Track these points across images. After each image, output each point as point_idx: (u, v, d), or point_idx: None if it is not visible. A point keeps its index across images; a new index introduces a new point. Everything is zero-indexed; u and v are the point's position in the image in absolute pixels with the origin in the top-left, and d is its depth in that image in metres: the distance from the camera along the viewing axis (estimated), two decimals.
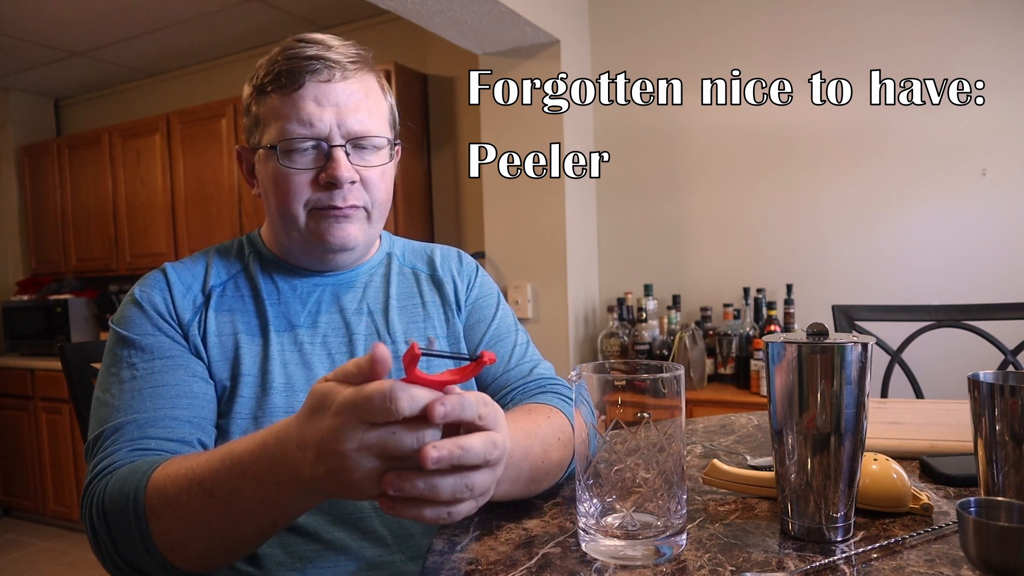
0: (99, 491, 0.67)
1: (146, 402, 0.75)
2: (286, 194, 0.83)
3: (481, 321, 0.98)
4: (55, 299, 3.67)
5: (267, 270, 0.90)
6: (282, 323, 0.87)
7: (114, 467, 0.69)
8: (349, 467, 0.50)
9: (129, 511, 0.63)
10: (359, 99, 0.84)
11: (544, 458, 0.75)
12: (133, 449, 0.72)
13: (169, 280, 0.85)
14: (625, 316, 2.57)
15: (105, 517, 0.65)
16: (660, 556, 0.61)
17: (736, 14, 2.49)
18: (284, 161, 0.82)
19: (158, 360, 0.79)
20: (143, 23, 3.22)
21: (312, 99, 0.81)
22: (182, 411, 0.76)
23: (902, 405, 1.15)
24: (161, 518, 0.62)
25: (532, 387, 0.92)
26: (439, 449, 0.49)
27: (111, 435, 0.73)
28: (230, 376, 0.82)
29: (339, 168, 0.81)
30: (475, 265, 1.05)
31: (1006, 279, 2.15)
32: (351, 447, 0.49)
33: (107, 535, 0.66)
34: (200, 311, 0.84)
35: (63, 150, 3.88)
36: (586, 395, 0.63)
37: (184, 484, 0.61)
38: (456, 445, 0.50)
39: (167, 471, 0.64)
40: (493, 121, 2.64)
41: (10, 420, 3.62)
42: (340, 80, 0.83)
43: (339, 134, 0.82)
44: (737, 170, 2.52)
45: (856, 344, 0.62)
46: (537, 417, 0.80)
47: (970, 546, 0.54)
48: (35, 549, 3.27)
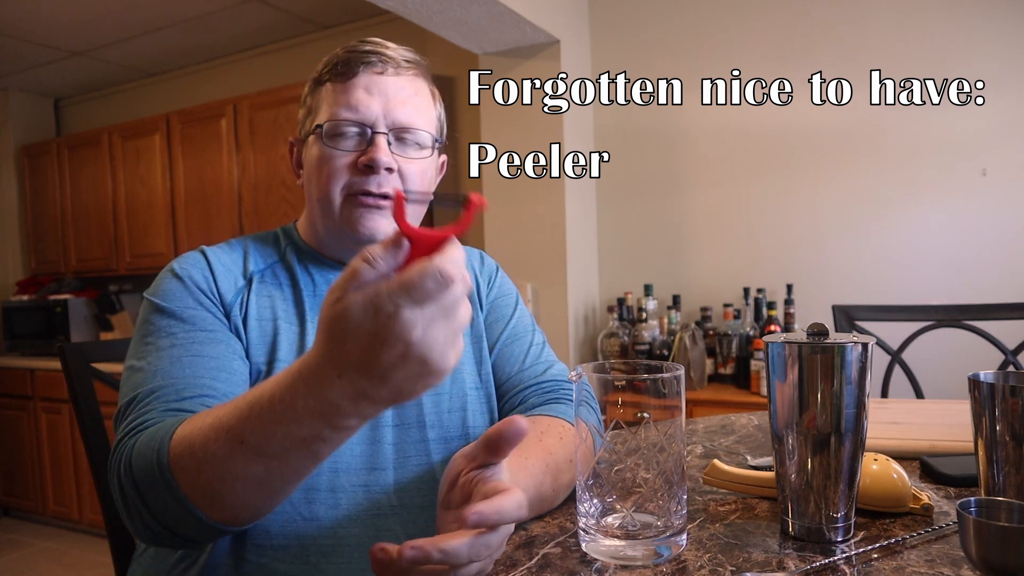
0: (127, 449, 0.65)
1: (185, 369, 0.73)
2: (325, 176, 0.84)
3: (499, 320, 0.98)
4: (55, 299, 3.67)
5: (303, 261, 0.91)
6: (317, 313, 0.86)
7: (146, 425, 0.67)
8: (426, 348, 0.47)
9: (155, 465, 0.61)
10: (409, 94, 0.86)
11: (555, 486, 0.76)
12: (167, 410, 0.69)
13: (210, 261, 0.85)
14: (625, 316, 2.57)
15: (132, 476, 0.63)
16: (660, 556, 0.61)
17: (736, 14, 2.49)
18: (328, 142, 0.84)
19: (200, 332, 0.78)
20: (143, 23, 3.22)
21: (363, 87, 0.84)
22: (221, 384, 0.74)
23: (902, 405, 1.15)
24: (190, 470, 0.59)
25: (546, 388, 0.93)
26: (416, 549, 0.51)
27: (146, 398, 0.71)
28: (267, 361, 0.81)
29: (378, 151, 0.82)
30: (496, 265, 1.06)
31: (1006, 279, 2.15)
32: (418, 333, 0.47)
33: (136, 495, 0.63)
34: (242, 293, 0.84)
35: (63, 150, 3.88)
36: (586, 395, 0.63)
37: (211, 433, 0.58)
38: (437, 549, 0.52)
39: (193, 423, 0.61)
40: (493, 121, 2.64)
41: (10, 420, 3.62)
42: (393, 74, 0.86)
43: (384, 122, 0.84)
44: (737, 170, 2.52)
45: (856, 344, 0.62)
46: (549, 442, 0.79)
47: (970, 546, 0.54)
48: (35, 549, 3.27)
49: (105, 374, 1.13)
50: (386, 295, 0.46)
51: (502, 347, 0.96)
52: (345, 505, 0.80)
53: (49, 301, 3.68)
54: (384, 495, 0.81)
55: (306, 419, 0.53)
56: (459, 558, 0.52)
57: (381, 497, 0.81)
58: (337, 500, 0.79)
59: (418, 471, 0.83)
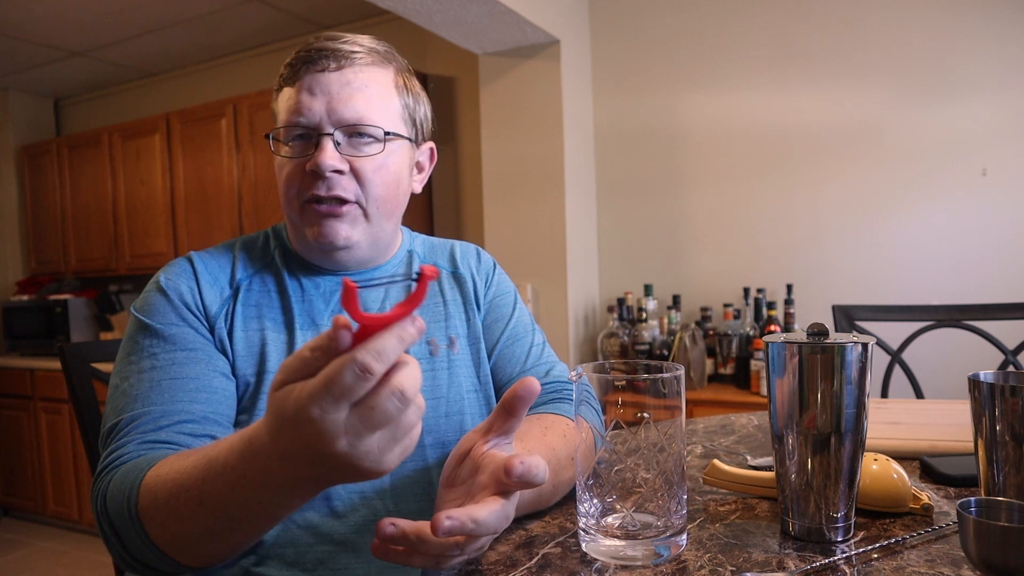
0: (104, 486, 0.67)
1: (164, 394, 0.74)
2: (282, 184, 0.84)
3: (498, 320, 0.97)
4: (55, 299, 3.67)
5: (291, 266, 0.89)
6: (306, 320, 0.85)
7: (122, 460, 0.69)
8: (354, 458, 0.47)
9: (126, 512, 0.63)
10: (355, 89, 0.82)
11: (555, 482, 0.76)
12: (143, 442, 0.71)
13: (196, 270, 0.84)
14: (625, 316, 2.57)
15: (108, 514, 0.65)
16: (660, 556, 0.61)
17: (736, 13, 2.49)
18: (277, 151, 0.83)
19: (180, 352, 0.78)
20: (143, 23, 3.22)
21: (306, 89, 0.81)
22: (200, 406, 0.75)
23: (902, 405, 1.15)
24: (156, 521, 0.62)
25: (548, 389, 0.92)
26: (452, 519, 0.50)
27: (126, 426, 0.72)
28: (256, 372, 0.81)
29: (321, 155, 0.79)
30: (493, 262, 1.03)
31: (1006, 279, 2.15)
32: (343, 444, 0.46)
33: (112, 533, 0.66)
34: (228, 303, 0.83)
35: (63, 150, 3.88)
36: (587, 395, 0.63)
37: (174, 489, 0.60)
38: (469, 518, 0.51)
39: (159, 473, 0.63)
40: (493, 120, 2.64)
41: (10, 420, 3.62)
42: (335, 70, 0.81)
43: (329, 122, 0.81)
44: (737, 170, 2.52)
45: (856, 344, 0.62)
46: (552, 439, 0.79)
47: (970, 546, 0.54)
48: (35, 549, 3.27)
49: (105, 374, 1.13)
50: (308, 396, 0.46)
51: (502, 348, 0.95)
52: (340, 511, 0.80)
53: (49, 301, 3.68)
54: (379, 500, 0.80)
55: (259, 489, 0.54)
56: (488, 528, 0.53)
57: (376, 502, 0.80)
58: (332, 506, 0.78)
59: (414, 476, 0.83)
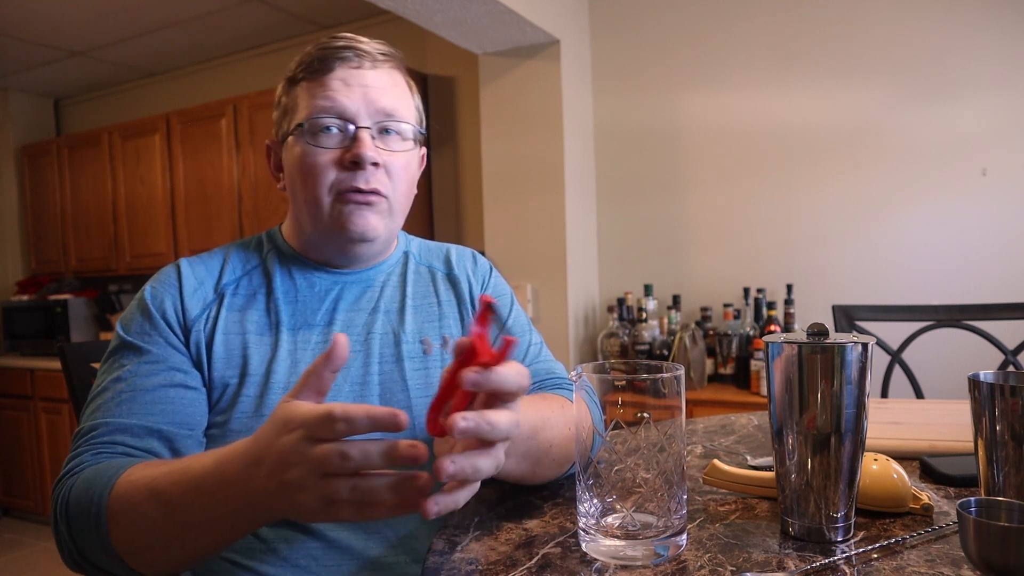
0: (65, 490, 0.69)
1: (123, 407, 0.76)
2: (312, 176, 0.83)
3: None
4: (55, 299, 3.67)
5: (285, 265, 0.90)
6: (297, 321, 0.86)
7: (79, 468, 0.71)
8: (298, 483, 0.52)
9: (91, 514, 0.65)
10: (387, 85, 0.85)
11: (551, 443, 0.76)
12: (98, 452, 0.73)
13: (182, 277, 0.85)
14: (625, 316, 2.57)
15: (67, 517, 0.67)
16: (660, 556, 0.61)
17: (736, 13, 2.49)
18: (311, 141, 0.83)
19: (145, 365, 0.79)
20: (143, 23, 3.22)
21: (341, 80, 0.83)
22: (156, 418, 0.76)
23: (902, 405, 1.15)
24: (121, 524, 0.64)
25: (547, 385, 0.93)
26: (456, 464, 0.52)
27: (85, 435, 0.75)
28: (238, 375, 0.81)
29: (364, 147, 0.81)
30: (489, 265, 1.04)
31: (1006, 279, 2.15)
32: (298, 471, 0.51)
33: (68, 533, 0.67)
34: (211, 308, 0.84)
35: (63, 150, 3.88)
36: (586, 395, 0.63)
37: (145, 493, 0.63)
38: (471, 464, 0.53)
39: (131, 478, 0.65)
40: (493, 120, 2.64)
41: (10, 420, 3.62)
42: (370, 68, 0.84)
43: (366, 114, 0.83)
44: (737, 170, 2.52)
45: (856, 344, 0.62)
46: (551, 403, 0.81)
47: (970, 546, 0.54)
48: (35, 549, 3.27)
49: None
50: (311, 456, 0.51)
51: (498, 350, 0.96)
52: None
53: (49, 301, 3.68)
54: None
55: (228, 509, 0.58)
56: (500, 432, 0.54)
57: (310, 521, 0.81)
58: None
59: None
